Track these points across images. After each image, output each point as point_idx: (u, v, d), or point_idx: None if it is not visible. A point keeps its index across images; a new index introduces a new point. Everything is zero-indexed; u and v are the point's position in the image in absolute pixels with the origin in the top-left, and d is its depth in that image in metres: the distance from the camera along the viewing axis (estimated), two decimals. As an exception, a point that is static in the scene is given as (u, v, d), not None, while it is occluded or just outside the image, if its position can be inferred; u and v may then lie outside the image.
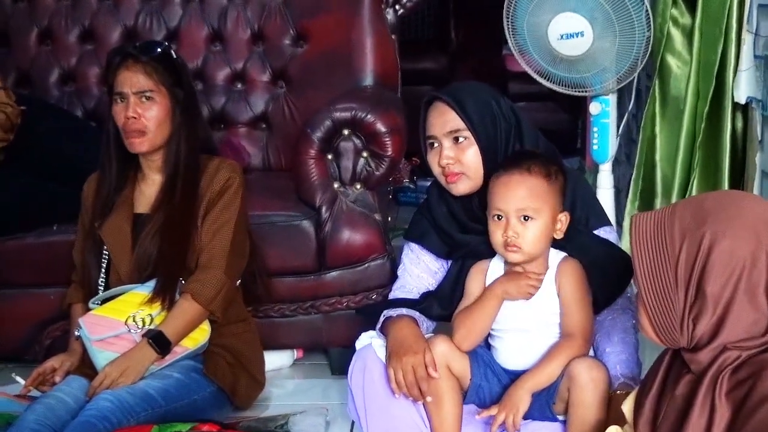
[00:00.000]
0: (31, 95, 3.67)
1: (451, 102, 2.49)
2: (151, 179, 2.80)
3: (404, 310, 2.54)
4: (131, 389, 2.54)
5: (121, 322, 2.66)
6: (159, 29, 3.80)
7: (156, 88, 2.70)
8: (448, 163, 2.48)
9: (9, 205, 3.13)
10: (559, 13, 3.28)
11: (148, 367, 2.62)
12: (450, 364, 2.41)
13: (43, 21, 3.82)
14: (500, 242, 2.38)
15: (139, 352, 2.62)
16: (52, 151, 3.28)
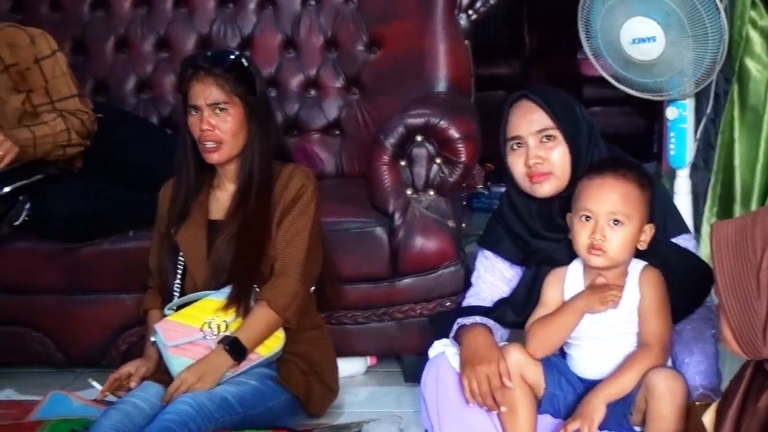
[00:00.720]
0: (107, 103, 3.71)
1: (538, 100, 2.46)
2: (226, 186, 2.81)
3: (478, 318, 2.52)
4: (210, 395, 2.55)
5: (197, 328, 2.68)
6: (233, 36, 3.82)
7: (229, 99, 2.71)
8: (536, 162, 2.44)
9: (86, 212, 3.16)
10: (631, 17, 3.24)
11: (224, 374, 2.63)
12: (524, 372, 2.39)
13: (119, 29, 3.87)
14: (585, 244, 2.34)
15: (215, 359, 2.63)
16: (128, 158, 3.31)
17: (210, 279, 2.75)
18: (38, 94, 3.25)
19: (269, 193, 2.75)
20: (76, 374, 3.35)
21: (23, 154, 3.10)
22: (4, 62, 3.23)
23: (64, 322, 3.25)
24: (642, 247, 2.37)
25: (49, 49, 3.28)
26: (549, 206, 2.48)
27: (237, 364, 2.63)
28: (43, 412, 2.98)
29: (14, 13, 3.88)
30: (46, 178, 3.21)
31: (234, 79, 2.72)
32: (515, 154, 2.49)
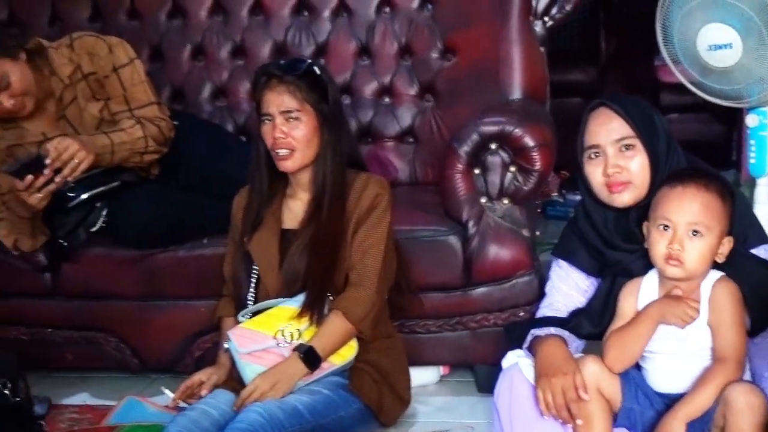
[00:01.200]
0: (183, 110, 3.74)
1: (618, 108, 2.42)
2: (300, 195, 2.81)
3: (552, 330, 2.49)
4: (281, 404, 2.54)
5: (270, 335, 2.68)
6: (308, 44, 3.83)
7: (301, 107, 2.72)
8: (615, 171, 2.41)
9: (163, 219, 3.19)
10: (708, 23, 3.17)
11: (297, 382, 2.63)
12: (600, 385, 2.35)
13: (196, 37, 3.90)
14: (662, 254, 2.30)
15: (289, 367, 2.63)
16: (203, 165, 3.33)
17: (282, 288, 2.75)
18: (116, 102, 3.29)
19: (343, 202, 2.74)
20: (151, 380, 3.38)
21: (101, 161, 3.13)
22: (82, 71, 3.28)
23: (140, 328, 3.28)
24: (720, 260, 2.32)
25: (127, 57, 3.31)
26: (626, 216, 2.44)
27: (310, 372, 2.63)
28: (118, 417, 3.02)
29: (93, 22, 3.93)
30: (123, 185, 3.24)
31: (306, 86, 2.72)
32: (593, 163, 2.46)
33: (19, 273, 3.27)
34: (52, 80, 3.28)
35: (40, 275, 3.29)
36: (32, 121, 3.29)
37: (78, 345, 3.34)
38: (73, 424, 3.10)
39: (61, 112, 3.30)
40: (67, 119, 3.30)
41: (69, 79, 3.27)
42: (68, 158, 3.00)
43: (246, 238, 2.81)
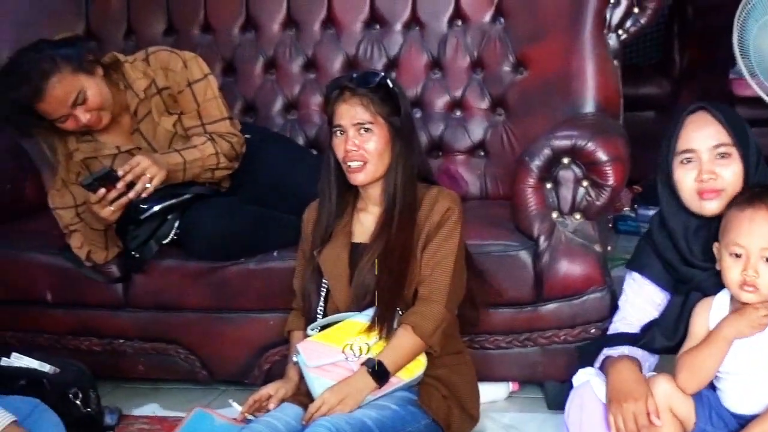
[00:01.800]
0: (254, 124, 3.76)
1: (718, 115, 2.39)
2: (370, 209, 2.80)
3: (626, 350, 2.45)
4: (349, 418, 2.53)
5: (339, 349, 2.67)
6: (380, 58, 3.83)
7: (373, 120, 2.71)
8: (710, 178, 2.37)
9: (234, 232, 3.20)
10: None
11: (365, 397, 2.61)
12: (673, 406, 2.31)
13: (268, 51, 3.92)
14: (736, 281, 2.26)
15: (358, 381, 2.62)
16: (274, 178, 3.34)
17: (352, 301, 2.74)
18: (190, 116, 3.31)
19: (413, 216, 2.73)
20: (220, 392, 3.39)
21: (173, 178, 3.16)
22: (157, 86, 3.31)
23: (209, 339, 3.30)
24: None
25: (201, 72, 3.34)
26: (708, 227, 2.40)
27: (379, 387, 2.62)
28: (187, 429, 3.01)
29: (167, 36, 3.98)
30: (194, 198, 3.26)
31: (379, 99, 2.71)
32: (685, 168, 2.41)
33: (91, 284, 3.30)
34: (127, 94, 3.31)
35: (112, 287, 3.32)
36: (107, 134, 3.33)
37: (149, 356, 3.37)
38: (143, 435, 3.13)
39: (136, 126, 3.33)
40: (141, 133, 3.33)
41: (144, 93, 3.30)
42: (140, 172, 3.02)
43: (316, 252, 2.81)
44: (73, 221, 3.28)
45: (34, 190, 3.76)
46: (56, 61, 3.17)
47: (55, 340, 3.40)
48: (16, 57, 3.25)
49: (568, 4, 3.59)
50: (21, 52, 3.27)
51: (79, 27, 3.99)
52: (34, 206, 3.70)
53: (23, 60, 3.20)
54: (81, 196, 3.20)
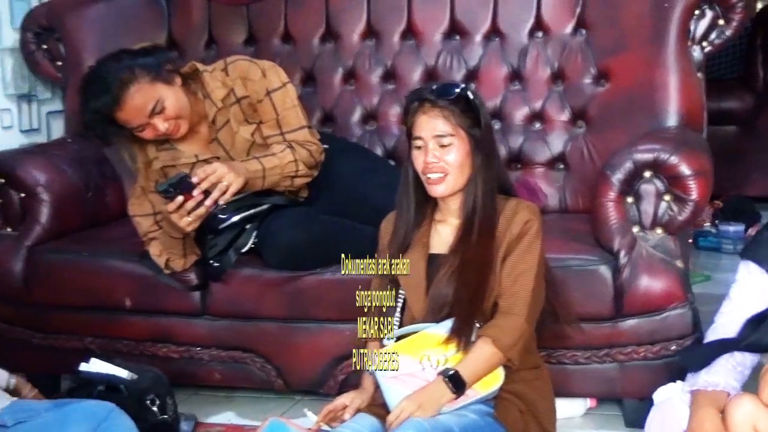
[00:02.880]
0: (333, 134, 3.77)
1: None
2: (449, 221, 2.78)
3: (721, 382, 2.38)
4: (435, 422, 2.51)
5: (416, 359, 2.65)
6: (459, 68, 3.82)
7: (454, 131, 2.69)
8: None
9: (310, 242, 3.20)
10: None
11: (442, 406, 2.59)
12: (758, 425, 2.24)
13: (347, 61, 3.93)
14: None
15: (434, 390, 2.59)
16: (351, 189, 3.34)
17: (428, 313, 2.72)
18: (268, 125, 3.33)
19: (492, 228, 2.70)
20: (295, 401, 3.40)
21: (252, 186, 3.17)
22: (236, 95, 3.33)
23: (285, 349, 3.30)
24: None
25: (280, 81, 3.35)
26: None
27: (455, 397, 2.59)
28: (262, 438, 3.03)
29: (247, 46, 4.01)
30: (272, 207, 3.27)
31: (459, 111, 2.69)
32: None
33: (170, 292, 3.33)
34: (205, 103, 3.34)
35: (190, 294, 3.34)
36: (186, 143, 3.36)
37: (225, 364, 3.38)
38: (218, 442, 3.14)
39: (214, 135, 3.36)
40: (220, 142, 3.35)
41: (222, 102, 3.33)
42: (216, 180, 3.04)
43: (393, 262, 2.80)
44: (151, 229, 3.31)
45: (116, 197, 3.80)
46: (135, 70, 3.21)
47: (134, 347, 3.44)
48: (97, 66, 3.30)
49: (651, 16, 3.55)
50: (102, 61, 3.31)
51: (161, 36, 4.04)
52: (115, 214, 3.76)
53: (103, 69, 3.25)
54: (159, 203, 3.23)
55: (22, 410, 2.50)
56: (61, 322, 3.50)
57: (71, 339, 3.48)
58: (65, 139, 3.95)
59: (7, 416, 2.45)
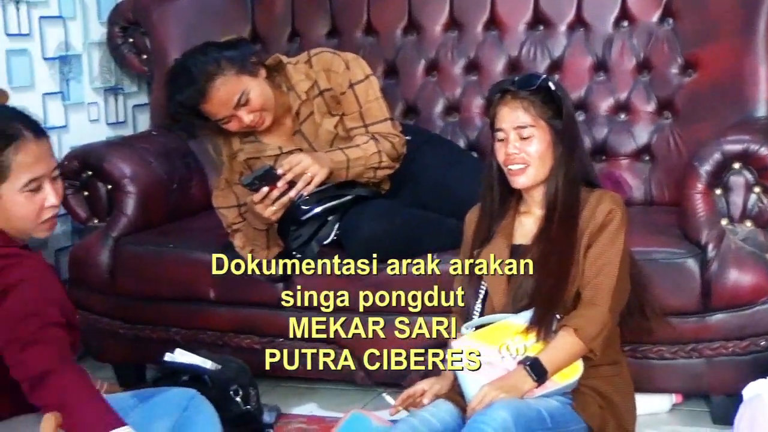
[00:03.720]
0: (415, 126, 3.76)
1: None
2: (533, 212, 2.76)
3: None
4: (524, 404, 2.49)
5: (495, 348, 2.63)
6: (542, 59, 3.78)
7: (535, 123, 2.67)
8: None
9: (394, 234, 3.19)
10: None
11: (524, 394, 2.57)
12: None
13: (430, 53, 3.91)
14: None
15: (515, 377, 2.57)
16: (434, 181, 3.33)
17: (509, 303, 2.70)
18: (351, 118, 3.33)
19: (575, 219, 2.67)
20: (376, 394, 3.40)
21: (336, 176, 3.18)
22: (319, 87, 3.33)
23: (367, 341, 3.29)
24: None
25: (363, 73, 3.35)
26: None
27: (536, 385, 2.56)
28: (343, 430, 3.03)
29: (330, 38, 4.02)
30: (355, 199, 3.27)
31: (540, 102, 2.67)
32: None
33: (253, 283, 3.34)
34: (289, 96, 3.35)
35: (273, 286, 3.35)
36: (270, 135, 3.38)
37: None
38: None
39: (298, 127, 3.37)
40: (303, 134, 3.36)
41: (306, 94, 3.33)
42: (300, 171, 3.05)
43: (476, 252, 2.78)
44: (235, 221, 3.34)
45: (200, 189, 3.84)
46: (220, 63, 3.23)
47: (218, 338, 3.46)
48: (183, 59, 3.33)
49: (741, 5, 3.49)
50: (187, 54, 3.34)
51: (245, 29, 4.07)
52: (199, 206, 3.79)
53: (189, 62, 3.28)
54: (244, 195, 3.25)
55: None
56: (146, 312, 3.54)
57: (156, 330, 3.53)
58: (151, 132, 4.00)
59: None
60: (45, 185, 2.39)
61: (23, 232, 2.43)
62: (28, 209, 2.38)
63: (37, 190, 2.38)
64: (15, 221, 2.39)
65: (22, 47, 3.73)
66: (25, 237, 2.45)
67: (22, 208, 2.38)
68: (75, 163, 3.57)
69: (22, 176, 2.35)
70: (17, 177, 2.35)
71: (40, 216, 2.41)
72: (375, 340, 3.28)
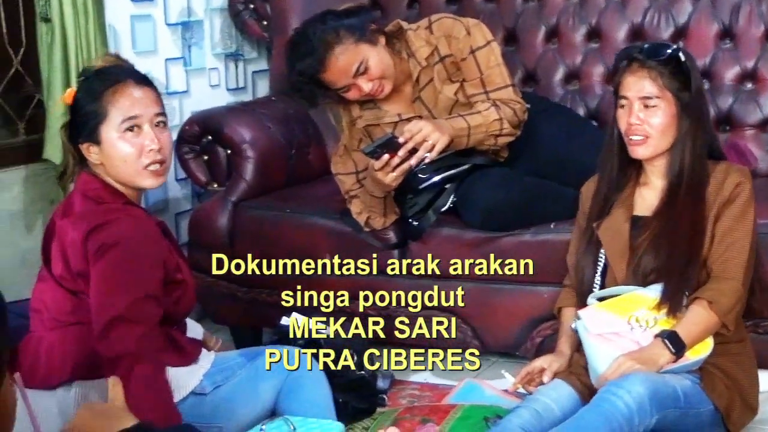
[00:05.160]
0: (534, 93, 3.72)
1: None
2: (654, 183, 2.71)
3: None
4: (661, 379, 2.46)
5: (623, 319, 2.59)
6: (666, 27, 3.71)
7: (661, 94, 2.61)
8: None
9: (510, 203, 3.17)
10: None
11: (661, 367, 2.52)
12: None
13: (551, 20, 3.86)
14: None
15: (653, 350, 2.53)
16: (553, 150, 3.29)
17: (630, 275, 2.66)
18: (472, 84, 3.30)
19: (701, 192, 2.62)
20: (490, 363, 3.38)
21: (456, 144, 3.16)
22: (439, 53, 3.31)
23: (483, 309, 3.28)
24: None
25: (484, 39, 3.31)
26: None
27: (674, 359, 2.51)
28: (457, 398, 3.04)
29: (450, 4, 3.99)
30: (472, 167, 3.25)
31: (669, 73, 2.61)
32: None
33: (369, 249, 3.35)
34: (410, 62, 3.33)
35: (389, 252, 3.36)
36: (389, 102, 3.37)
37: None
38: (413, 400, 3.15)
39: (417, 94, 3.35)
40: (423, 101, 3.35)
41: (426, 61, 3.31)
42: (421, 139, 3.04)
43: (595, 224, 2.74)
44: (353, 187, 3.35)
45: (318, 155, 3.86)
46: (339, 32, 3.23)
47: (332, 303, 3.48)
48: (303, 28, 3.34)
49: None
50: (307, 23, 3.35)
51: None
52: (317, 172, 3.81)
53: (309, 31, 3.28)
54: (362, 162, 3.26)
55: (219, 371, 2.56)
56: (263, 277, 3.57)
57: (273, 294, 3.56)
58: (270, 98, 4.03)
59: (206, 381, 2.52)
60: (145, 128, 2.46)
61: (128, 180, 2.48)
62: (127, 151, 2.45)
63: (136, 133, 2.45)
64: (118, 166, 2.46)
65: (146, 13, 3.79)
66: (132, 189, 2.50)
67: (122, 149, 2.45)
68: (195, 127, 3.62)
69: (117, 116, 2.43)
70: (114, 117, 2.44)
71: (139, 159, 2.46)
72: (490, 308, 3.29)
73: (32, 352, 2.44)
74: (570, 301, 2.83)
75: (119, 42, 3.67)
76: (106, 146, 2.45)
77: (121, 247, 2.35)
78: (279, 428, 2.40)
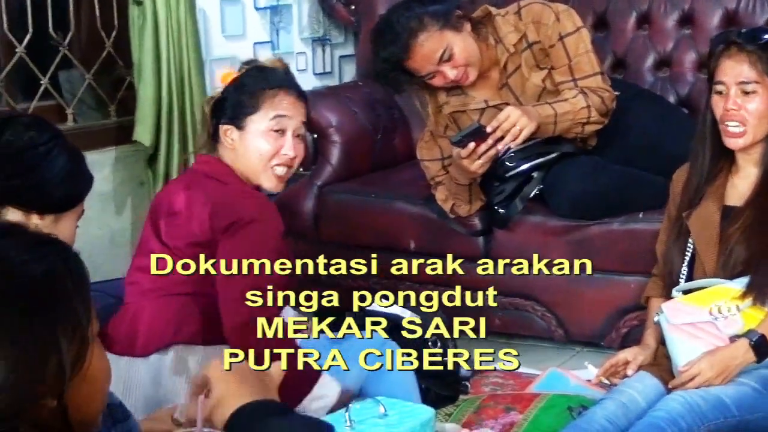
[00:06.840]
0: (623, 80, 3.67)
1: None
2: (746, 172, 2.65)
3: None
4: (705, 394, 2.41)
5: (705, 309, 2.54)
6: (762, 12, 3.63)
7: (759, 79, 2.55)
8: None
9: (598, 191, 3.15)
10: None
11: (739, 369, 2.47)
12: None
13: (642, 5, 3.81)
14: None
15: (737, 353, 2.47)
16: (642, 138, 3.25)
17: (720, 266, 2.61)
18: (560, 71, 3.26)
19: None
20: (574, 352, 3.36)
21: (543, 131, 3.13)
22: (527, 39, 3.28)
23: (568, 298, 3.26)
24: None
25: (574, 25, 3.27)
26: None
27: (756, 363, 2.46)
28: (541, 386, 3.02)
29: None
30: (560, 155, 3.22)
31: (767, 58, 2.55)
32: None
33: (453, 235, 3.35)
34: (497, 49, 3.31)
35: (474, 239, 3.35)
36: (476, 88, 3.35)
37: (506, 311, 3.37)
38: (496, 388, 3.14)
39: (504, 81, 3.33)
40: (510, 88, 3.32)
41: (514, 47, 3.29)
42: (509, 126, 3.02)
43: (684, 214, 2.69)
44: (439, 173, 3.34)
45: (404, 140, 3.86)
46: (423, 19, 3.22)
47: (416, 289, 3.48)
48: (388, 15, 3.34)
49: None
50: (392, 10, 3.35)
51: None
52: (402, 157, 3.81)
53: (393, 19, 3.28)
54: (448, 149, 3.25)
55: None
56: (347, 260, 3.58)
57: (357, 278, 3.56)
58: (356, 83, 4.03)
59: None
60: (288, 135, 2.55)
61: (252, 173, 2.56)
62: (266, 148, 2.53)
63: (279, 135, 2.53)
64: (250, 159, 2.54)
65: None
66: (252, 183, 2.56)
67: (262, 144, 2.53)
68: (282, 111, 3.64)
69: (270, 112, 2.52)
70: (267, 112, 2.53)
71: (272, 159, 2.54)
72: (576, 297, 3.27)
73: (129, 322, 2.48)
74: (658, 291, 2.79)
75: (209, 25, 3.70)
76: (247, 135, 2.53)
77: (253, 227, 2.42)
78: (369, 409, 2.40)
